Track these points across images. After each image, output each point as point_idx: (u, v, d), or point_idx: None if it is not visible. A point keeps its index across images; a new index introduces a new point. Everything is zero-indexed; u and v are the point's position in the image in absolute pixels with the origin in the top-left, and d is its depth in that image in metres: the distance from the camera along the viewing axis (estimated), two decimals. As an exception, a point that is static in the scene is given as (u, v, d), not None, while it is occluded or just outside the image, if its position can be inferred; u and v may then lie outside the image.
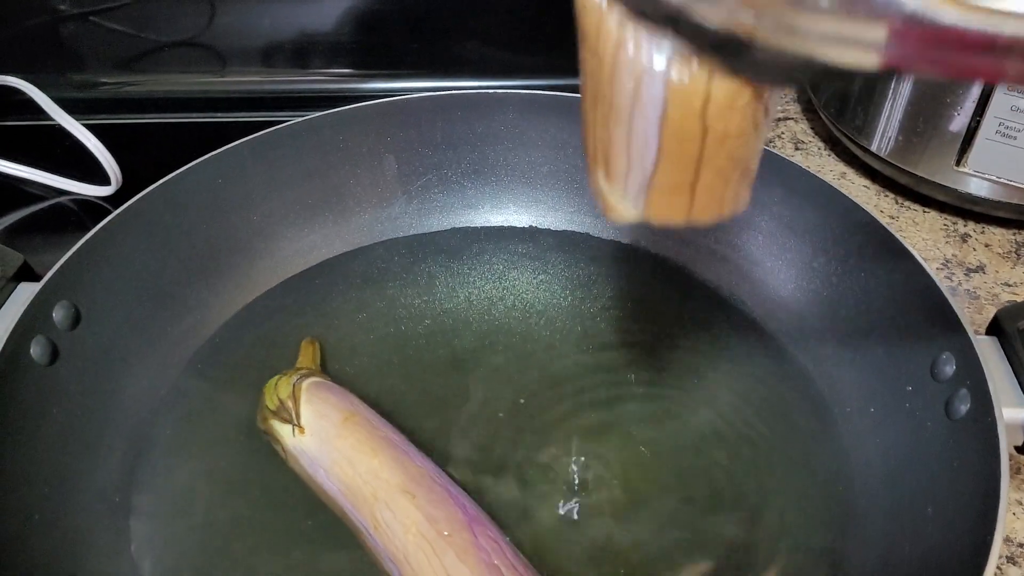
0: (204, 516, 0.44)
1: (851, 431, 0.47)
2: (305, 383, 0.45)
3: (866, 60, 0.20)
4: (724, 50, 0.23)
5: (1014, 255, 0.63)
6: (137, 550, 0.42)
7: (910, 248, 0.46)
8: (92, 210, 0.68)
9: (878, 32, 0.19)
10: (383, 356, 0.52)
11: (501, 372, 0.52)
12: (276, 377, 0.46)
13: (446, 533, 0.38)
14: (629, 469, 0.46)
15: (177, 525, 0.44)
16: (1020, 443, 0.40)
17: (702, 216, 0.28)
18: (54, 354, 0.43)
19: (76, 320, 0.45)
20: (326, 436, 0.42)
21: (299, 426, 0.43)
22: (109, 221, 0.48)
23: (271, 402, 0.44)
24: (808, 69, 0.22)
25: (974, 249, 0.64)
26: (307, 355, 0.50)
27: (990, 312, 0.41)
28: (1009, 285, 0.61)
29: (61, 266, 0.44)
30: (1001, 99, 0.57)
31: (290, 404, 0.43)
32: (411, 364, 0.52)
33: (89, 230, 0.46)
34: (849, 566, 0.42)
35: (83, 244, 0.46)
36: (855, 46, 0.20)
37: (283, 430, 0.43)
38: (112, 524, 0.43)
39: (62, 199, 0.69)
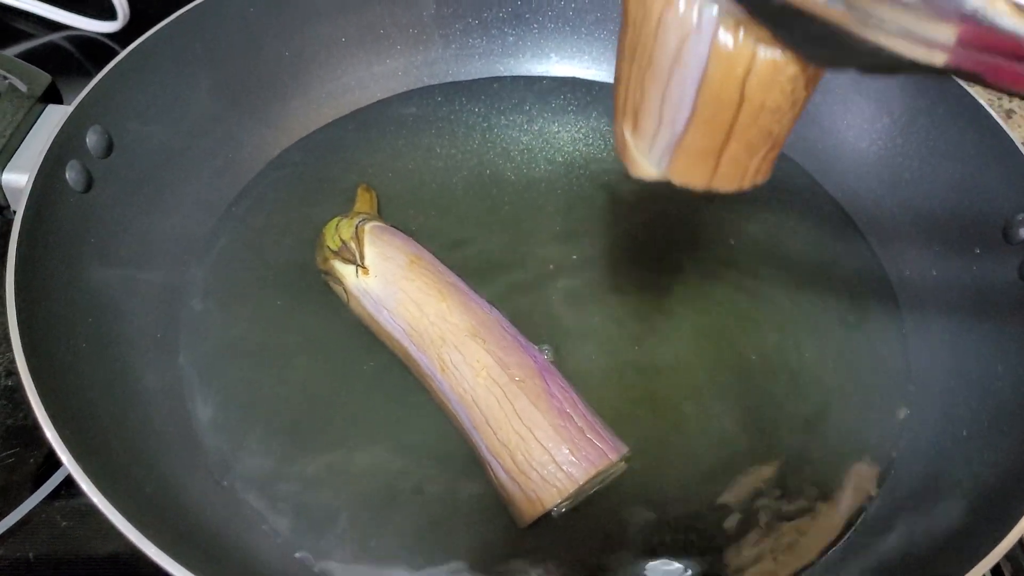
0: (255, 357, 0.44)
1: (909, 295, 0.46)
2: (368, 225, 0.43)
3: (934, 58, 0.21)
4: (784, 22, 0.22)
5: (1060, 131, 0.62)
6: (187, 386, 0.42)
7: (986, 106, 0.44)
8: (93, 49, 0.64)
9: (948, 32, 0.20)
10: (420, 208, 0.50)
11: (544, 227, 0.50)
12: (336, 219, 0.44)
13: (518, 378, 0.37)
14: (681, 322, 0.46)
15: (227, 365, 0.43)
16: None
17: (723, 184, 0.28)
18: (89, 181, 0.41)
19: (109, 148, 0.42)
20: (391, 278, 0.41)
21: (363, 267, 0.41)
22: (138, 45, 0.44)
23: (333, 243, 0.43)
24: (872, 58, 0.21)
25: (1019, 125, 0.62)
26: (364, 201, 0.48)
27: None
28: (1056, 161, 0.59)
29: (92, 89, 0.41)
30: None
31: (353, 245, 0.42)
32: (449, 216, 0.50)
33: (89, 71, 0.43)
34: (911, 424, 0.42)
35: (113, 68, 0.43)
36: (926, 43, 0.20)
37: (345, 270, 0.42)
38: (158, 360, 0.42)
39: (58, 36, 0.65)
